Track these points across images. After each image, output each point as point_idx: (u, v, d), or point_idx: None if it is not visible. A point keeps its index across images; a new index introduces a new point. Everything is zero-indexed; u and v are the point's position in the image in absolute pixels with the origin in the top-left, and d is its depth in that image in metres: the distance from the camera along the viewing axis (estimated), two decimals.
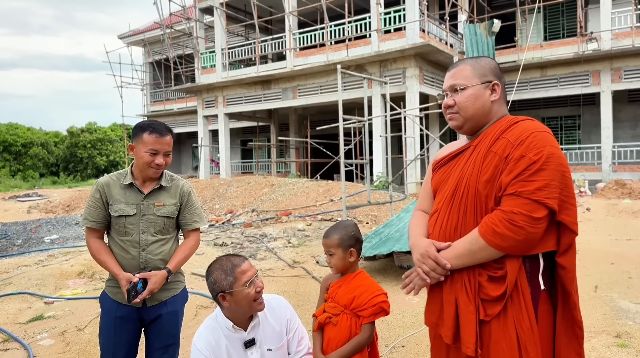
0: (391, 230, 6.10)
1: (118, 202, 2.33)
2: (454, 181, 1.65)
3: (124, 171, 2.43)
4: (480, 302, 1.52)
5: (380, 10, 13.99)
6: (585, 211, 10.25)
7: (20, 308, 4.83)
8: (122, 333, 2.35)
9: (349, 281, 2.11)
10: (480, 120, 1.65)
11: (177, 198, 2.44)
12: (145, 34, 23.80)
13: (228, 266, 1.98)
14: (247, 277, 1.97)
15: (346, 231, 2.11)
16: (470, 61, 1.69)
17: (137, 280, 2.24)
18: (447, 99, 1.69)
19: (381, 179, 13.16)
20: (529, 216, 1.44)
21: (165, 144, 2.31)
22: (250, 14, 17.74)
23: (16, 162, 34.59)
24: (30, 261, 6.96)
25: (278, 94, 16.89)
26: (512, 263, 1.49)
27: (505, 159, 1.51)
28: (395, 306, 4.51)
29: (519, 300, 1.49)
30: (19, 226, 11.85)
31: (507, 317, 1.49)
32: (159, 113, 24.71)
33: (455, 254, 1.56)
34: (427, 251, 1.61)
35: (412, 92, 13.61)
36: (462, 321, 1.54)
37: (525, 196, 1.45)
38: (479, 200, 1.56)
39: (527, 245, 1.47)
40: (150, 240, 2.35)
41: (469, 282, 1.54)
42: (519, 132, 1.53)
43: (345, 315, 2.05)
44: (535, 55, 15.19)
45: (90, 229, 2.36)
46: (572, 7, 16.05)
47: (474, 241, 1.52)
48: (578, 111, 16.85)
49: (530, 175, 1.46)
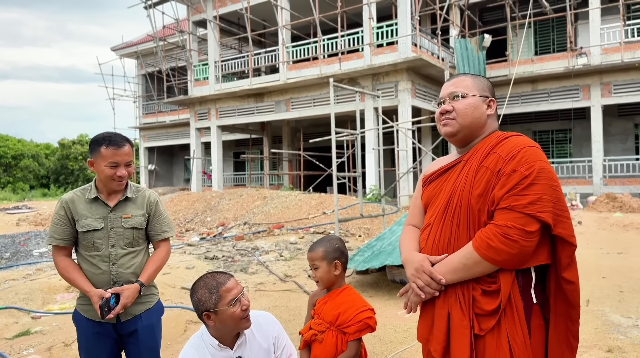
0: (383, 243, 6.08)
1: (84, 217, 2.28)
2: (446, 195, 1.65)
3: (87, 186, 2.38)
4: (474, 316, 1.51)
5: (372, 25, 14.12)
6: (576, 224, 10.29)
7: (6, 323, 4.74)
8: (102, 350, 2.30)
9: (334, 297, 2.08)
10: (474, 131, 1.66)
11: (144, 209, 2.40)
12: (138, 47, 23.83)
13: (212, 285, 1.93)
14: (233, 295, 1.92)
15: (330, 244, 2.10)
16: (470, 75, 1.74)
17: (109, 295, 2.18)
18: (445, 104, 1.69)
19: (374, 192, 13.17)
20: (522, 229, 1.45)
21: (124, 154, 2.26)
22: (244, 27, 17.84)
23: (6, 174, 34.27)
24: (18, 275, 6.86)
25: (271, 107, 16.93)
26: (506, 276, 1.49)
27: (497, 173, 1.53)
28: (387, 320, 4.48)
29: (512, 313, 1.49)
30: (7, 239, 11.69)
31: (500, 331, 1.49)
32: (152, 125, 24.66)
33: (450, 268, 1.55)
34: (422, 266, 1.60)
35: (405, 106, 13.69)
36: (454, 335, 1.53)
37: (518, 210, 1.46)
38: (471, 214, 1.56)
39: (520, 258, 1.48)
40: (120, 253, 2.31)
41: (462, 296, 1.54)
42: (510, 147, 1.55)
43: (330, 331, 2.02)
44: (526, 69, 15.37)
45: (57, 247, 2.30)
46: (562, 23, 16.30)
47: (469, 256, 1.52)
48: (569, 125, 17.02)
49: (522, 189, 1.47)
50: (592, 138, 14.59)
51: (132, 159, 2.32)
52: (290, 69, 16.04)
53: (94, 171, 2.30)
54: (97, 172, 2.28)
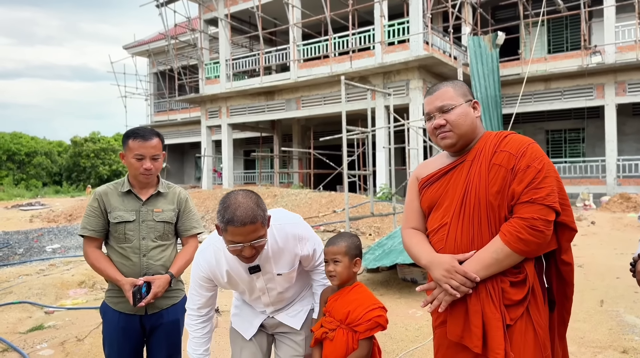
0: (394, 242, 6.05)
1: (117, 209, 2.34)
2: (458, 195, 1.68)
3: (120, 180, 2.44)
4: (504, 308, 1.58)
5: (384, 23, 14.07)
6: (590, 224, 10.17)
7: (20, 318, 4.79)
8: (127, 343, 2.34)
9: (345, 294, 2.05)
10: (469, 136, 1.73)
11: (174, 204, 2.46)
12: (150, 45, 23.99)
13: (228, 216, 1.70)
14: (234, 240, 1.72)
15: (352, 241, 2.08)
16: (449, 83, 1.77)
17: (141, 282, 2.23)
18: (437, 119, 1.72)
19: (384, 191, 13.12)
20: (545, 220, 1.55)
21: (150, 148, 2.30)
22: (255, 26, 17.86)
23: (20, 171, 34.72)
24: (31, 271, 6.94)
25: (281, 105, 16.94)
26: (530, 266, 1.61)
27: (511, 170, 1.61)
28: (398, 319, 4.46)
29: (536, 299, 1.61)
30: (21, 235, 11.83)
31: (527, 318, 1.59)
32: (163, 123, 24.81)
33: (483, 265, 1.59)
34: (454, 267, 1.61)
35: (416, 104, 13.63)
36: (489, 329, 1.57)
37: (539, 202, 1.56)
38: (491, 211, 1.63)
39: (542, 247, 1.60)
40: (151, 245, 2.36)
41: (493, 290, 1.60)
42: (517, 145, 1.64)
43: (341, 330, 1.99)
44: (539, 68, 15.21)
45: (89, 238, 2.35)
46: (576, 21, 16.12)
47: (499, 250, 1.58)
48: (582, 124, 16.83)
49: (539, 183, 1.57)
50: (605, 138, 14.41)
51: (159, 153, 2.35)
52: (301, 67, 16.04)
53: (124, 164, 2.36)
54: (127, 165, 2.35)
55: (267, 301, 2.08)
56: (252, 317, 2.17)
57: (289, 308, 2.18)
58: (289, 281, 2.06)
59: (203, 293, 2.02)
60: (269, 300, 2.08)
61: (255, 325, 2.15)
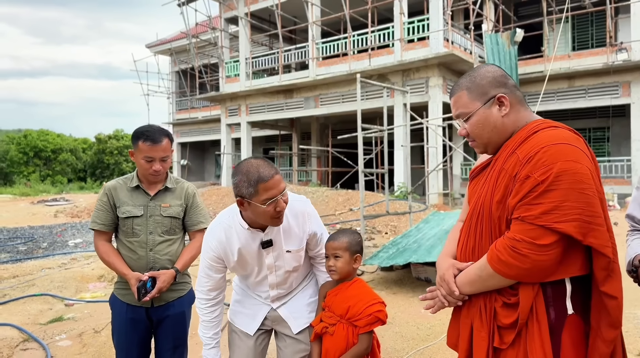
0: (409, 241, 6.02)
1: (125, 204, 2.38)
2: (474, 199, 1.57)
3: (130, 175, 2.48)
4: (496, 329, 1.45)
5: (403, 20, 13.98)
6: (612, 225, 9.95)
7: (41, 309, 4.93)
8: (134, 334, 2.40)
9: (344, 289, 2.06)
10: (497, 140, 1.53)
11: (182, 199, 2.49)
12: (172, 44, 24.29)
13: (253, 176, 1.76)
14: (269, 195, 1.77)
15: (354, 237, 2.10)
16: (465, 82, 1.56)
17: (146, 278, 2.28)
18: (460, 129, 1.61)
19: (402, 190, 13.05)
20: (532, 243, 1.33)
21: (160, 150, 2.32)
22: (275, 24, 17.94)
23: (46, 167, 35.60)
24: (54, 264, 7.12)
25: (300, 103, 16.98)
26: (526, 290, 1.40)
27: (514, 178, 1.40)
28: (410, 318, 4.44)
29: (533, 328, 1.39)
30: (46, 230, 12.14)
31: (520, 346, 1.41)
32: (184, 121, 25.11)
33: (467, 280, 1.51)
34: (444, 275, 1.56)
35: (435, 102, 13.51)
36: (475, 346, 1.49)
37: (529, 221, 1.34)
38: (492, 222, 1.47)
39: (537, 272, 1.36)
40: (158, 240, 2.40)
41: (484, 307, 1.48)
42: (529, 147, 1.39)
43: (341, 324, 2.01)
44: (562, 65, 14.90)
45: (99, 232, 2.42)
46: (602, 17, 15.74)
47: (483, 268, 1.45)
48: (607, 123, 16.43)
49: (535, 198, 1.33)
50: (631, 137, 14.04)
51: (168, 154, 2.38)
52: (320, 65, 16.05)
53: (133, 161, 2.40)
54: (136, 164, 2.39)
55: (274, 281, 2.08)
56: (256, 309, 2.17)
57: (292, 300, 2.19)
58: (297, 260, 2.08)
59: (212, 275, 2.04)
60: (275, 280, 2.08)
61: (258, 319, 2.16)
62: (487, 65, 1.61)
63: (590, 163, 1.38)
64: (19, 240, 10.48)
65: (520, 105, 1.54)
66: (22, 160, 34.95)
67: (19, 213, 16.10)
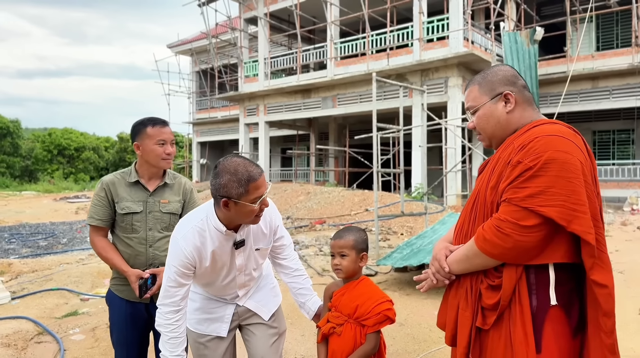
0: (424, 242, 5.95)
1: (124, 200, 2.36)
2: (475, 188, 1.66)
3: (127, 170, 2.45)
4: (480, 309, 1.52)
5: (423, 20, 13.85)
6: (635, 229, 9.68)
7: (57, 304, 5.01)
8: (135, 330, 2.39)
9: (352, 288, 2.03)
10: (501, 135, 1.62)
11: (180, 195, 2.48)
12: (192, 44, 24.55)
13: (244, 176, 1.75)
14: (259, 194, 1.78)
15: (360, 235, 2.07)
16: (479, 78, 1.67)
17: (147, 275, 2.28)
18: (469, 122, 1.72)
19: (419, 191, 12.93)
20: (515, 223, 1.40)
21: (169, 133, 2.37)
22: (293, 24, 17.98)
23: (69, 165, 36.35)
24: (71, 260, 7.24)
25: (318, 103, 16.98)
26: (509, 271, 1.45)
27: (507, 164, 1.48)
28: (423, 320, 4.38)
29: (516, 312, 1.44)
30: (66, 226, 12.38)
31: (503, 327, 1.46)
32: (204, 121, 25.34)
33: (455, 258, 1.58)
34: (436, 254, 1.65)
35: (454, 102, 13.35)
36: (459, 325, 1.56)
37: (514, 203, 1.41)
38: (485, 207, 1.55)
39: (519, 253, 1.42)
40: (157, 236, 2.39)
41: (470, 289, 1.55)
42: (525, 137, 1.48)
43: (349, 324, 1.98)
44: (586, 66, 14.58)
45: (95, 227, 2.38)
46: (627, 17, 15.35)
47: (470, 247, 1.52)
48: (632, 125, 16.02)
49: (522, 181, 1.41)
50: None
51: (174, 139, 2.42)
52: (338, 65, 16.01)
53: (139, 155, 2.37)
54: (143, 154, 2.35)
55: (242, 281, 2.06)
56: (221, 311, 2.13)
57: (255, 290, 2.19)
58: (263, 257, 2.10)
59: (184, 283, 1.90)
60: (243, 280, 2.06)
61: (227, 318, 2.11)
62: (502, 65, 1.71)
63: (583, 157, 1.43)
64: (40, 235, 10.71)
65: (527, 104, 1.62)
66: (47, 158, 35.76)
67: (41, 210, 16.46)
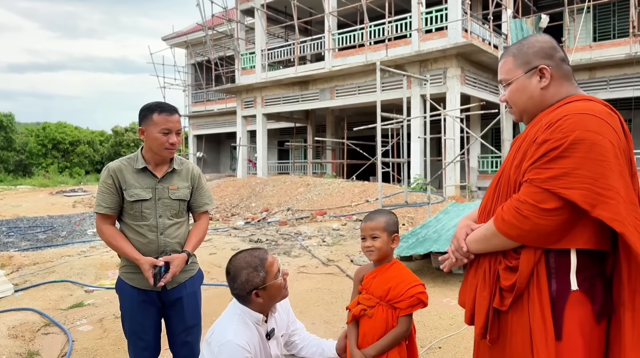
0: (429, 231, 5.95)
1: (133, 187, 2.30)
2: (502, 167, 1.60)
3: (133, 156, 2.39)
4: (498, 290, 1.48)
5: (421, 10, 13.78)
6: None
7: (62, 295, 4.97)
8: (147, 318, 2.35)
9: (384, 271, 2.01)
10: (533, 111, 1.53)
11: (189, 181, 2.44)
12: (188, 36, 24.32)
13: (256, 263, 1.92)
14: (276, 268, 1.95)
15: (390, 217, 2.05)
16: (514, 49, 1.56)
17: (162, 263, 2.23)
18: (501, 94, 1.65)
19: (418, 182, 12.93)
20: (535, 206, 1.33)
21: (175, 122, 2.29)
22: (290, 15, 17.84)
23: (64, 159, 36.08)
24: (73, 252, 7.19)
25: (316, 95, 16.91)
26: (528, 254, 1.40)
27: (533, 143, 1.41)
28: (432, 307, 4.38)
29: (534, 295, 1.39)
30: (64, 219, 12.29)
31: (523, 310, 1.42)
32: (200, 113, 25.19)
33: (474, 238, 1.55)
34: (457, 232, 1.62)
35: (453, 93, 13.32)
36: (476, 305, 1.54)
37: (536, 184, 1.35)
38: (509, 186, 1.49)
39: (538, 236, 1.36)
40: (168, 223, 2.34)
41: (489, 269, 1.51)
42: (554, 114, 1.40)
43: (380, 307, 1.96)
44: (583, 56, 14.60)
45: (103, 215, 2.31)
46: (625, 7, 15.34)
47: (489, 227, 1.48)
48: (629, 115, 16.06)
49: (546, 162, 1.34)
50: None
51: (181, 128, 2.35)
52: (336, 56, 15.94)
53: (143, 140, 2.31)
54: (147, 140, 2.29)
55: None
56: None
57: None
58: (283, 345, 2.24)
59: None
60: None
61: None
62: (540, 34, 1.60)
63: (616, 138, 1.33)
64: (38, 228, 10.63)
65: (565, 80, 1.51)
66: (41, 152, 35.48)
67: (38, 203, 16.35)
